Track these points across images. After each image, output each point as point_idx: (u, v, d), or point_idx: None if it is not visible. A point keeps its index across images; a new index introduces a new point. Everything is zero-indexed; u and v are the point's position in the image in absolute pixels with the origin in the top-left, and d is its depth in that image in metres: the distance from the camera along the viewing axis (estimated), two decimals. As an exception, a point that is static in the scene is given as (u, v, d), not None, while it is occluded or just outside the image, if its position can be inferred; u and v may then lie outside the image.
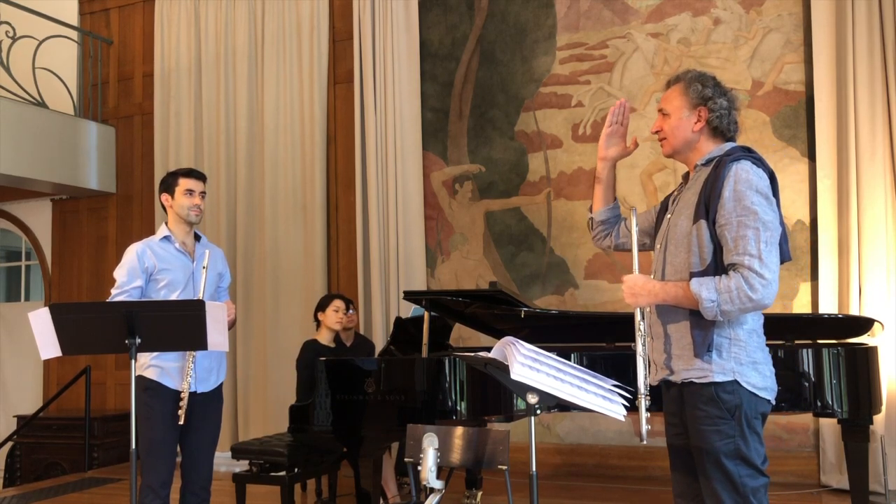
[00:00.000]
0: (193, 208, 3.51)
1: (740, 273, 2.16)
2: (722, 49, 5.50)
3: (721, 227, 2.23)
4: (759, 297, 2.15)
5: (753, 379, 2.24)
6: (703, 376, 2.25)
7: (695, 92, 2.38)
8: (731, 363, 2.24)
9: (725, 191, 2.22)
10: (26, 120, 6.57)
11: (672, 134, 2.43)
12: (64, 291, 7.54)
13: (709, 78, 2.41)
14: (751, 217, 2.18)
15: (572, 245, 5.82)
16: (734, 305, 2.16)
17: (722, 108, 2.36)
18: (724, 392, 2.22)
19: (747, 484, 2.21)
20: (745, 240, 2.18)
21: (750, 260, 2.16)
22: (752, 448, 2.22)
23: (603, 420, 5.51)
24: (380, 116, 6.21)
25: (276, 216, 6.54)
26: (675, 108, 2.42)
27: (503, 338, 2.29)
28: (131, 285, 3.37)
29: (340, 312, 4.76)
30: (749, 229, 2.18)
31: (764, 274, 2.15)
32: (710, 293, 2.17)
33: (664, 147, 2.48)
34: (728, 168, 2.25)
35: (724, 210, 2.22)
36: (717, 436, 2.22)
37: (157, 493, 3.30)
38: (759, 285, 2.14)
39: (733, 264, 2.19)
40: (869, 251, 4.90)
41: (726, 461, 2.21)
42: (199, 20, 6.98)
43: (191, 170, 3.62)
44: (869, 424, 3.86)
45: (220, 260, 3.69)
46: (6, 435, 7.00)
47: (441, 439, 2.71)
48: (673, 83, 2.46)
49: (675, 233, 2.36)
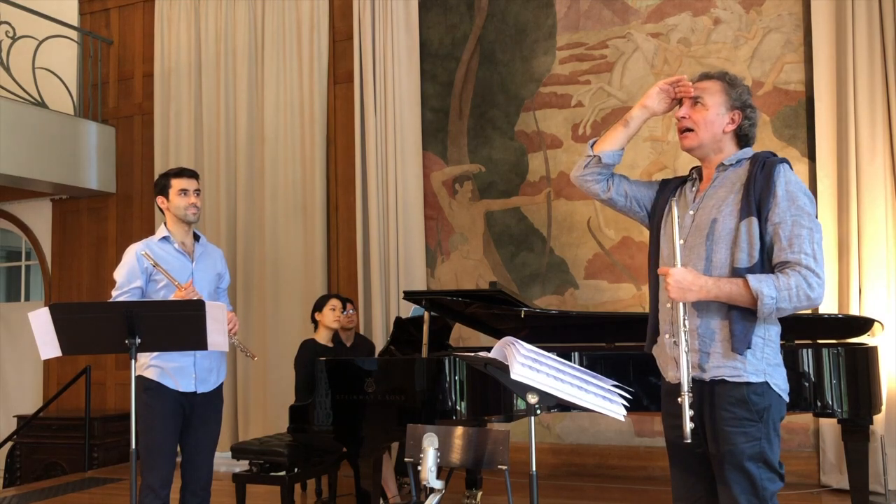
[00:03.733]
0: (190, 207, 3.49)
1: (798, 272, 2.15)
2: (722, 49, 5.50)
3: (775, 226, 2.21)
4: (816, 295, 2.15)
5: (780, 381, 2.25)
6: (737, 375, 2.22)
7: (737, 94, 2.35)
8: (763, 364, 2.22)
9: (779, 189, 2.21)
10: (26, 120, 6.58)
11: (704, 126, 2.35)
12: (64, 291, 7.54)
13: (745, 85, 2.40)
14: (805, 217, 2.19)
15: (572, 245, 5.82)
16: (791, 303, 2.15)
17: (752, 117, 2.37)
18: (755, 394, 2.20)
19: (767, 487, 2.19)
20: (800, 239, 2.17)
21: (807, 259, 2.15)
22: (775, 451, 2.21)
23: (603, 420, 5.51)
24: (380, 116, 6.21)
25: (276, 216, 6.54)
26: (715, 103, 2.35)
27: (503, 338, 2.29)
28: (131, 285, 3.37)
29: (337, 311, 4.76)
30: (804, 229, 2.18)
31: (820, 273, 2.16)
32: (770, 290, 2.14)
33: (689, 138, 2.38)
34: (777, 168, 2.24)
35: (778, 209, 2.20)
36: (743, 437, 2.19)
37: (157, 494, 3.29)
38: (816, 284, 2.15)
39: (788, 262, 2.17)
40: (869, 251, 4.90)
41: (749, 464, 2.19)
42: (199, 20, 6.98)
43: (182, 169, 3.60)
44: (869, 424, 3.86)
45: (219, 260, 3.68)
46: (6, 435, 7.00)
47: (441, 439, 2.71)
48: (715, 78, 2.39)
49: (718, 228, 2.28)
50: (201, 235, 3.63)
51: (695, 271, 2.25)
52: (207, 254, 3.61)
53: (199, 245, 3.58)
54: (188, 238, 3.55)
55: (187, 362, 3.40)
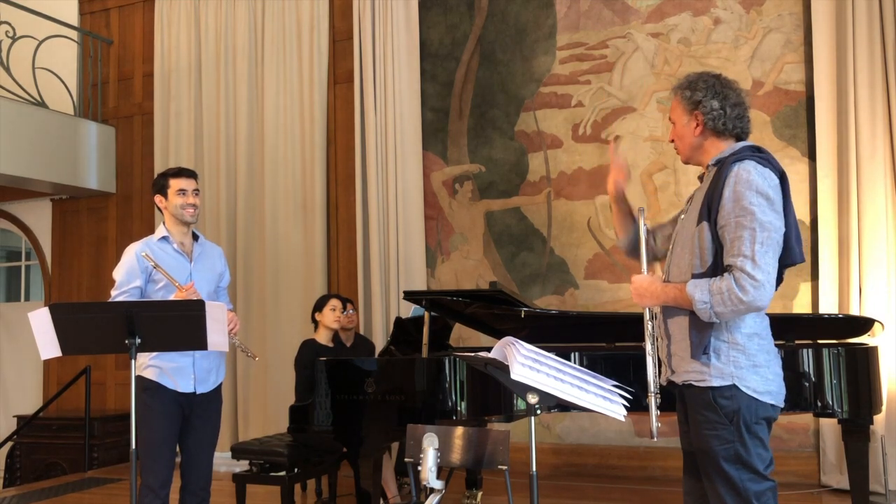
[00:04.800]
0: (188, 207, 3.47)
1: (732, 274, 2.16)
2: (722, 49, 5.50)
3: (721, 229, 2.23)
4: (751, 298, 2.13)
5: (753, 383, 2.23)
6: (701, 379, 2.25)
7: (685, 98, 2.40)
8: (731, 367, 2.23)
9: (726, 191, 2.23)
10: (26, 120, 6.57)
11: (680, 140, 2.46)
12: (64, 291, 7.54)
13: (702, 80, 2.40)
14: (748, 217, 2.18)
15: (572, 245, 5.82)
16: (726, 307, 2.16)
17: (713, 109, 2.35)
18: (722, 397, 2.22)
19: (749, 488, 2.20)
20: (740, 240, 2.17)
21: (742, 261, 2.15)
22: (752, 453, 2.20)
23: (603, 420, 5.51)
24: (380, 116, 6.21)
25: (276, 216, 6.53)
26: (677, 117, 2.45)
27: (503, 338, 2.29)
28: (130, 285, 3.37)
29: (338, 311, 4.77)
30: (745, 230, 2.17)
31: (755, 275, 2.13)
32: (703, 295, 2.18)
33: (679, 155, 2.51)
34: (730, 169, 2.25)
35: (723, 211, 2.22)
36: (717, 440, 2.22)
37: (156, 494, 3.29)
38: (749, 287, 2.13)
39: (728, 266, 2.19)
40: (869, 251, 4.90)
41: (726, 465, 2.21)
42: (199, 20, 6.98)
43: (180, 169, 3.57)
44: (869, 424, 3.85)
45: (218, 259, 3.67)
46: (6, 435, 7.00)
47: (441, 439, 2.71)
48: (673, 92, 2.49)
49: (682, 234, 2.38)
50: (200, 235, 3.62)
51: (652, 278, 2.37)
52: (206, 253, 3.60)
53: (198, 245, 3.57)
54: (187, 238, 3.54)
55: (186, 363, 3.39)
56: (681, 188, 5.53)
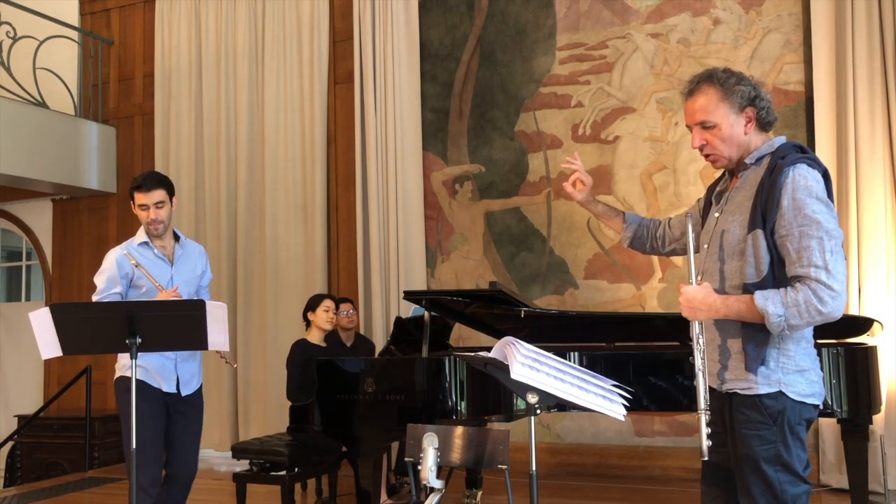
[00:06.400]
0: (151, 223, 3.38)
1: (808, 286, 2.04)
2: (722, 49, 5.51)
3: (782, 238, 2.12)
4: (829, 309, 2.04)
5: (799, 387, 2.15)
6: (749, 388, 2.16)
7: (739, 94, 2.23)
8: (778, 374, 2.15)
9: (784, 199, 2.11)
10: (27, 120, 6.58)
11: (726, 145, 2.25)
12: (64, 291, 7.54)
13: (740, 74, 2.26)
14: (813, 227, 2.07)
15: (572, 245, 5.83)
16: (802, 319, 2.05)
17: (766, 97, 2.25)
18: (768, 398, 2.14)
19: (787, 490, 2.12)
20: (809, 250, 2.06)
21: (817, 272, 2.04)
22: (793, 454, 2.13)
23: (602, 420, 5.52)
24: (380, 116, 6.22)
25: (276, 216, 6.54)
26: (722, 117, 2.23)
27: (503, 338, 2.29)
28: (110, 291, 3.37)
29: (331, 312, 4.77)
30: (812, 239, 2.07)
31: (833, 286, 2.03)
32: (776, 307, 2.05)
33: (718, 162, 2.29)
34: (785, 174, 2.14)
35: (783, 220, 2.11)
36: (758, 440, 2.14)
37: (147, 492, 3.32)
38: (828, 298, 2.03)
39: (798, 276, 2.07)
40: (869, 251, 4.90)
41: (766, 467, 2.13)
42: (200, 20, 6.98)
43: (141, 182, 3.38)
44: (868, 424, 3.86)
45: (199, 259, 3.64)
46: (7, 435, 7.01)
47: (441, 439, 2.71)
48: (702, 90, 2.26)
49: (728, 238, 2.24)
50: (181, 235, 3.59)
51: (707, 289, 2.18)
52: (187, 254, 3.58)
53: (179, 246, 3.55)
54: (168, 241, 3.52)
55: (168, 364, 3.44)
56: (680, 188, 5.54)
